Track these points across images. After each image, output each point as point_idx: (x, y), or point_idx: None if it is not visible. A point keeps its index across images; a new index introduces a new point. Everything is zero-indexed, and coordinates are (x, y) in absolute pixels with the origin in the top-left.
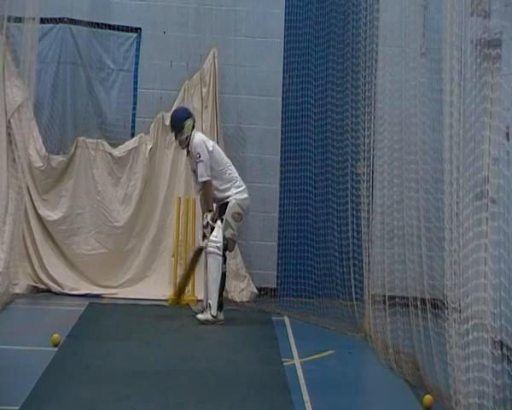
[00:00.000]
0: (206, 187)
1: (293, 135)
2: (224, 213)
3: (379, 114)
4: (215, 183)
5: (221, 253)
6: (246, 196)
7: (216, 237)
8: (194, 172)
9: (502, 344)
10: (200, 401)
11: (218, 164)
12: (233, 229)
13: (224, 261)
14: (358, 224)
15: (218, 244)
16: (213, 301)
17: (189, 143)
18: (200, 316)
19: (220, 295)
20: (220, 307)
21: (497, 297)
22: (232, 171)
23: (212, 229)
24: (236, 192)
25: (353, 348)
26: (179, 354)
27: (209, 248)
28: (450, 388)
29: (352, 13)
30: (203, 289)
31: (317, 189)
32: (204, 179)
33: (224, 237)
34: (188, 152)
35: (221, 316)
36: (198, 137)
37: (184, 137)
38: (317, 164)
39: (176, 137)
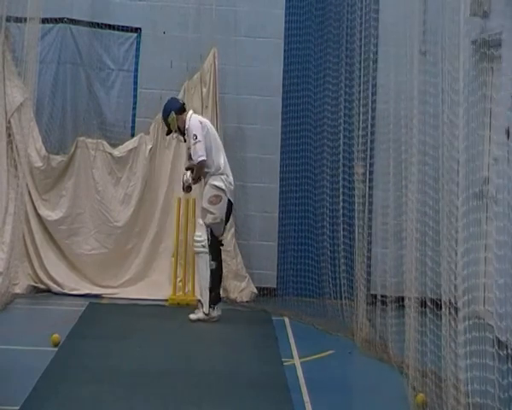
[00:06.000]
0: (200, 167)
1: (293, 135)
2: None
3: (380, 114)
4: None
5: (207, 250)
6: (221, 183)
7: (199, 236)
8: (190, 157)
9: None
10: (200, 401)
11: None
12: (212, 213)
13: (218, 255)
14: (359, 224)
15: (203, 243)
16: (204, 299)
17: (184, 131)
18: (191, 316)
19: (213, 290)
20: (215, 302)
21: (502, 297)
22: (217, 158)
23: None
24: (214, 179)
25: (353, 348)
26: (179, 354)
27: (195, 249)
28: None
29: (353, 14)
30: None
31: (317, 189)
32: (201, 159)
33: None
34: (184, 140)
35: (214, 313)
36: (194, 119)
37: (174, 130)
38: (317, 164)
39: (168, 133)
